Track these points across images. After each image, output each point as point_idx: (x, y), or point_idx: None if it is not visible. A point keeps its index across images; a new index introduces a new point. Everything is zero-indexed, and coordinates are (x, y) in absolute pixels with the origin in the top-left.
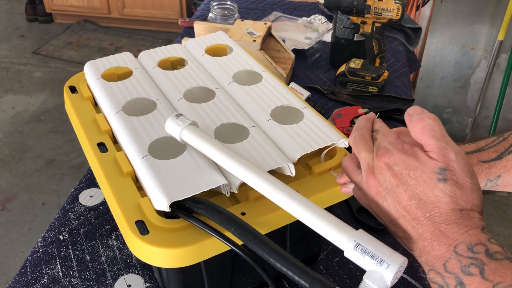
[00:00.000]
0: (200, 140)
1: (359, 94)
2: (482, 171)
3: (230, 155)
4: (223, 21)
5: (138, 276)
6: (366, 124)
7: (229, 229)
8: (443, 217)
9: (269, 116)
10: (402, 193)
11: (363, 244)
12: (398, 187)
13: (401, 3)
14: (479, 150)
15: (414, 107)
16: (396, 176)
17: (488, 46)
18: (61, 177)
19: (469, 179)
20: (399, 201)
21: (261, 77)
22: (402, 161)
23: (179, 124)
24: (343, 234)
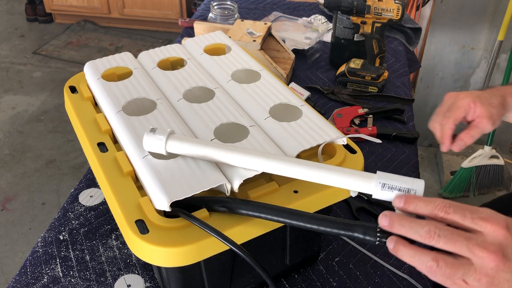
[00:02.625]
0: (189, 144)
1: (359, 94)
2: None
3: (229, 149)
4: (223, 21)
5: (138, 276)
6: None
7: (263, 215)
8: None
9: (267, 113)
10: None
11: (388, 183)
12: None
13: (401, 3)
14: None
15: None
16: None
17: (488, 46)
18: (61, 177)
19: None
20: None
21: (259, 76)
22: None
23: (159, 138)
24: (368, 181)
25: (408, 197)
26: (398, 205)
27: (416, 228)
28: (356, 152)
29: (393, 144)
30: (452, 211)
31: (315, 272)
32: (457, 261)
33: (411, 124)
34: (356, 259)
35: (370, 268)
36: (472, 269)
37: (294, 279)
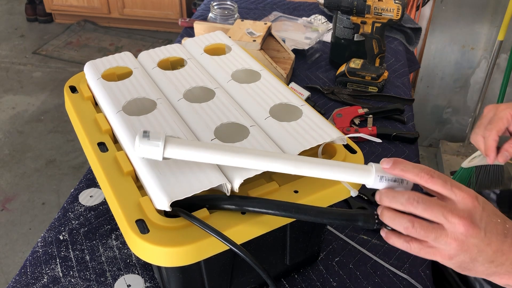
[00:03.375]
0: (189, 148)
1: (359, 94)
2: None
3: (228, 150)
4: (223, 21)
5: (138, 276)
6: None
7: (270, 211)
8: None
9: (268, 113)
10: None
11: (385, 175)
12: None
13: (401, 3)
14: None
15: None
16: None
17: (488, 46)
18: (61, 177)
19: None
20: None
21: (259, 76)
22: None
23: (156, 144)
24: (366, 175)
25: (396, 160)
26: (386, 166)
27: (398, 198)
28: (356, 152)
29: (393, 144)
30: (437, 175)
31: (315, 272)
32: (431, 225)
33: (411, 124)
34: (356, 259)
35: (370, 268)
36: (444, 234)
37: (294, 279)
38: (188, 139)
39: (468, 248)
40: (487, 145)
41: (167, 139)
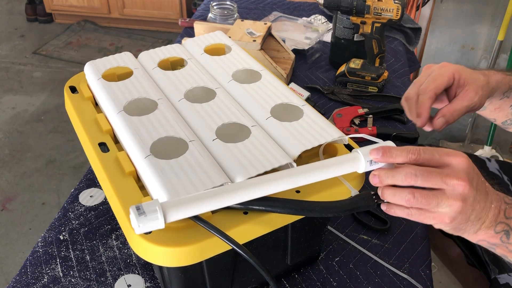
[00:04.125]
0: (188, 207)
1: (359, 94)
2: (506, 78)
3: (228, 191)
4: (223, 21)
5: (138, 276)
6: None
7: (277, 209)
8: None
9: (269, 113)
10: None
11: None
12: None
13: (401, 3)
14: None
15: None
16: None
17: (488, 46)
18: (61, 177)
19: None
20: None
21: (260, 76)
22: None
23: (155, 217)
24: (356, 164)
25: (384, 148)
26: (376, 156)
27: (397, 175)
28: None
29: None
30: (423, 152)
31: (315, 272)
32: (431, 192)
33: (411, 124)
34: (356, 259)
35: (370, 268)
36: (445, 197)
37: (294, 279)
38: (184, 197)
39: (466, 207)
40: (420, 104)
41: (163, 207)
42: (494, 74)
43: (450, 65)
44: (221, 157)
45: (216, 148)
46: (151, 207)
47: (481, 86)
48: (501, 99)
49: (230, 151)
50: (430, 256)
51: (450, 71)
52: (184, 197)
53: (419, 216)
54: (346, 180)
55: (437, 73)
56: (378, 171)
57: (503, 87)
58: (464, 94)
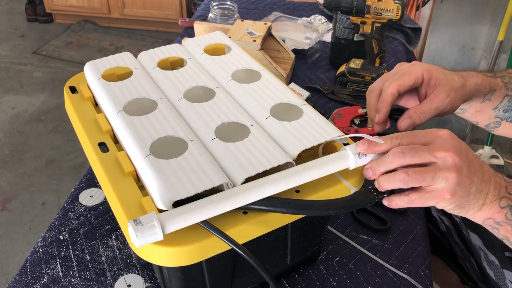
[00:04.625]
0: (185, 217)
1: (359, 94)
2: (486, 80)
3: (224, 198)
4: (223, 21)
5: (138, 276)
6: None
7: (278, 209)
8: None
9: (268, 113)
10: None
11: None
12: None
13: (401, 3)
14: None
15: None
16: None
17: (488, 46)
18: (61, 177)
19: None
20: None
21: (260, 75)
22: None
23: (154, 232)
24: (346, 160)
25: (368, 140)
26: (362, 147)
27: (386, 160)
28: None
29: None
30: (405, 135)
31: (315, 272)
32: (424, 168)
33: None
34: (356, 259)
35: (370, 268)
36: (439, 169)
37: (294, 279)
38: (181, 210)
39: (462, 179)
40: (381, 99)
41: (161, 219)
42: (473, 76)
43: (422, 64)
44: (220, 157)
45: (215, 148)
46: (148, 221)
47: (455, 88)
48: (482, 102)
49: (229, 151)
50: (430, 256)
51: (419, 70)
52: (181, 207)
53: (420, 200)
54: (345, 179)
55: (405, 70)
56: (369, 164)
57: (483, 89)
58: (434, 96)
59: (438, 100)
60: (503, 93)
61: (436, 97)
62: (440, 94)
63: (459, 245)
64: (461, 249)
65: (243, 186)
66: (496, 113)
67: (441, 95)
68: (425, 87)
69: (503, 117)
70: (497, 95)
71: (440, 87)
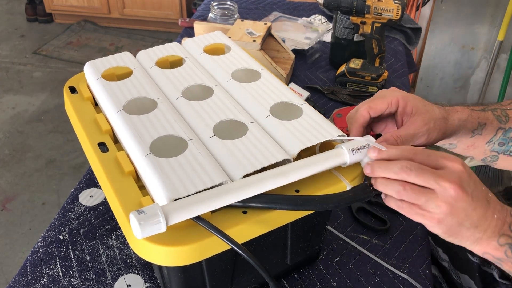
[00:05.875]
0: (188, 209)
1: (359, 94)
2: (474, 115)
3: (227, 190)
4: (223, 21)
5: (138, 276)
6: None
7: (278, 205)
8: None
9: (268, 112)
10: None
11: (354, 147)
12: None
13: (401, 3)
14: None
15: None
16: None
17: (488, 46)
18: (61, 177)
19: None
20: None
21: (259, 75)
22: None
23: (157, 221)
24: (341, 156)
25: (373, 165)
26: (372, 155)
27: (391, 169)
28: None
29: None
30: (419, 152)
31: (315, 272)
32: (422, 188)
33: None
34: (356, 259)
35: (370, 268)
36: (434, 197)
37: (294, 279)
38: (186, 200)
39: (457, 211)
40: (353, 119)
41: (164, 210)
42: (457, 112)
43: (400, 91)
44: (218, 154)
45: (213, 145)
46: (152, 211)
47: (434, 118)
48: (471, 137)
49: (228, 148)
50: (430, 256)
51: (394, 95)
52: (184, 199)
53: (409, 210)
54: (345, 179)
55: (380, 95)
56: (373, 162)
57: (470, 125)
58: (411, 123)
59: (415, 127)
60: (495, 126)
61: (412, 124)
62: (417, 121)
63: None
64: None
65: (244, 179)
66: (491, 147)
67: (418, 123)
68: (401, 114)
69: (500, 151)
70: (489, 129)
71: (417, 115)
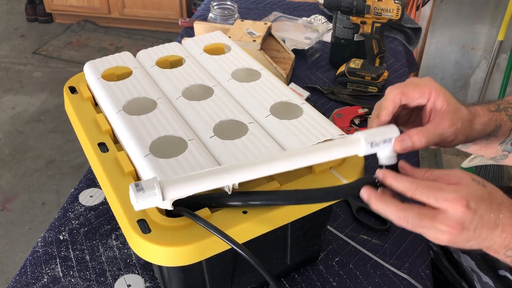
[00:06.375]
0: (187, 184)
1: (359, 94)
2: (492, 118)
3: (227, 170)
4: (223, 21)
5: (138, 276)
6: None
7: (279, 202)
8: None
9: (268, 111)
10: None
11: (374, 140)
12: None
13: (401, 3)
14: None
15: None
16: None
17: (488, 46)
18: (61, 177)
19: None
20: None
21: (259, 75)
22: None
23: (153, 193)
24: (357, 146)
25: (385, 174)
26: (378, 175)
27: (388, 213)
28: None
29: None
30: (418, 193)
31: (315, 272)
32: (422, 222)
33: None
34: (356, 259)
35: (370, 268)
36: (432, 232)
37: (294, 278)
38: (182, 174)
39: (456, 241)
40: (382, 105)
41: (161, 184)
42: (480, 116)
43: (434, 83)
44: (218, 154)
45: (214, 145)
46: (149, 183)
47: (462, 119)
48: (487, 139)
49: (228, 148)
50: (430, 256)
51: (429, 86)
52: (182, 175)
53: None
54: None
55: (414, 81)
56: (384, 171)
57: (489, 128)
58: (440, 120)
59: (443, 126)
60: (508, 127)
61: (441, 122)
62: (445, 120)
63: (449, 269)
64: (451, 273)
65: (247, 161)
66: (503, 147)
67: (446, 122)
68: (431, 108)
69: (511, 150)
70: (503, 130)
71: (446, 113)
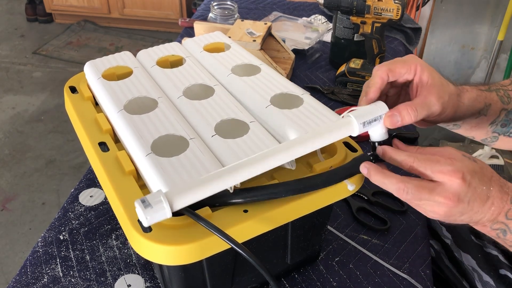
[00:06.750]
0: (193, 192)
1: (359, 94)
2: (481, 95)
3: (229, 171)
4: (223, 21)
5: (138, 276)
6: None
7: (281, 194)
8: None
9: (268, 102)
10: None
11: (366, 119)
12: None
13: (401, 3)
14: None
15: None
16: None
17: (488, 46)
18: (61, 177)
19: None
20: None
21: (259, 69)
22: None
23: (161, 207)
24: (350, 127)
25: (384, 148)
26: (378, 151)
27: (387, 185)
28: (356, 150)
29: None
30: (416, 165)
31: (315, 272)
32: (421, 194)
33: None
34: (356, 259)
35: (370, 268)
36: (429, 204)
37: (294, 278)
38: (187, 182)
39: (452, 214)
40: (370, 83)
41: (168, 196)
42: (467, 91)
43: (418, 59)
44: (220, 153)
45: (215, 144)
46: (155, 198)
47: (448, 93)
48: (477, 118)
49: (229, 147)
50: (430, 256)
51: (414, 62)
52: (186, 183)
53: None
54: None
55: (400, 59)
56: (384, 147)
57: (478, 105)
58: (427, 93)
59: (430, 98)
60: (498, 107)
61: (428, 95)
62: (432, 93)
63: (450, 268)
64: (452, 272)
65: (247, 159)
66: (493, 128)
67: (433, 95)
68: (417, 83)
69: (501, 132)
70: (493, 110)
71: (432, 86)
